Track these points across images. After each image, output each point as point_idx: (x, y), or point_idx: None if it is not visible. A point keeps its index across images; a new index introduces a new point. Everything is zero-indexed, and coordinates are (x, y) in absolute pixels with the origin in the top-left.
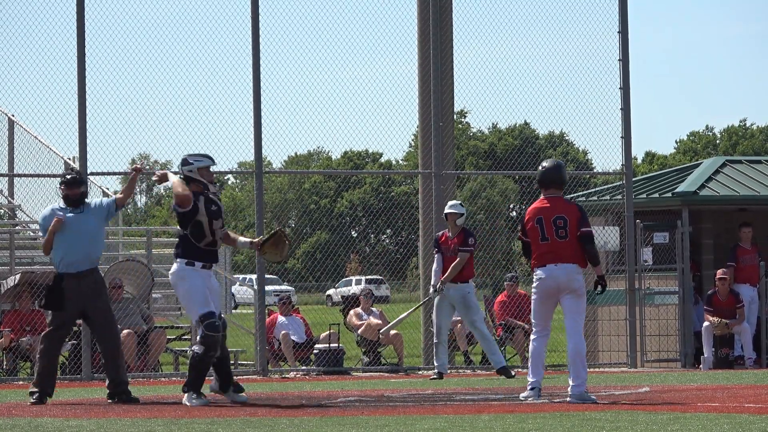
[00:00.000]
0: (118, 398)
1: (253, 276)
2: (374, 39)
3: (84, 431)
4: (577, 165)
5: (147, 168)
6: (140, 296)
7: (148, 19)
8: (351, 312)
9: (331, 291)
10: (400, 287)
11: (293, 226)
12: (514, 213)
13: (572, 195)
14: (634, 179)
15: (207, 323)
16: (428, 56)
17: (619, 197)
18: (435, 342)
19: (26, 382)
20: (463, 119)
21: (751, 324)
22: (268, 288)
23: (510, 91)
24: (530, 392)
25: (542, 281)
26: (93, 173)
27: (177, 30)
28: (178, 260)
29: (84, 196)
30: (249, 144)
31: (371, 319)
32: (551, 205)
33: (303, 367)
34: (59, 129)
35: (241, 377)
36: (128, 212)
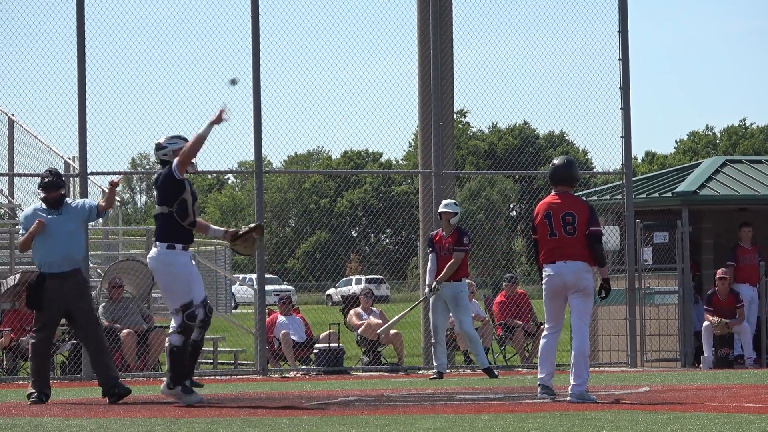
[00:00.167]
0: (112, 394)
1: (253, 275)
2: (374, 39)
3: (84, 431)
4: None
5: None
6: (140, 296)
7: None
8: (351, 312)
9: (331, 291)
10: (400, 287)
11: (293, 226)
12: (514, 213)
13: None
14: (634, 179)
15: (188, 313)
16: (428, 56)
17: (619, 197)
18: (432, 342)
19: (26, 382)
20: (463, 119)
21: (751, 324)
22: (268, 288)
23: (510, 91)
24: (539, 392)
25: (550, 278)
26: (93, 173)
27: (177, 30)
28: (158, 244)
29: (63, 198)
30: (249, 144)
31: (371, 319)
32: (561, 201)
33: (303, 367)
34: (59, 129)
35: (241, 377)
36: (128, 212)
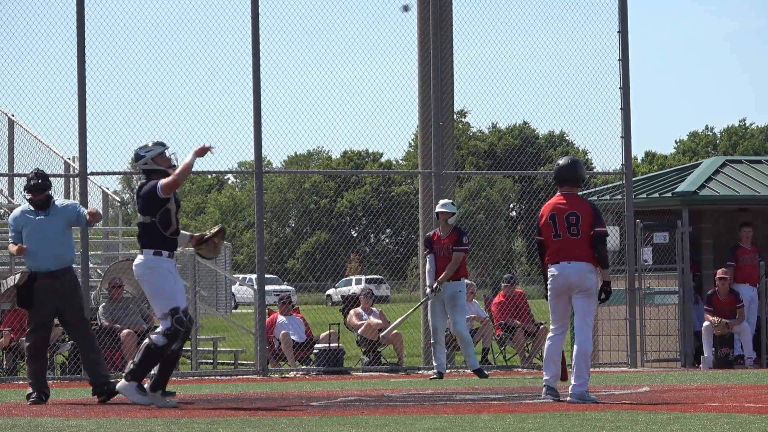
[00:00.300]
0: (101, 392)
1: (253, 276)
2: (374, 39)
3: (84, 431)
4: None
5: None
6: (140, 296)
7: (148, 19)
8: (351, 312)
9: (331, 291)
10: (400, 287)
11: (293, 226)
12: (514, 213)
13: None
14: (634, 179)
15: (177, 317)
16: (428, 56)
17: (619, 197)
18: (432, 342)
19: (26, 382)
20: (463, 119)
21: (751, 324)
22: (268, 288)
23: (510, 91)
24: (543, 392)
25: (554, 278)
26: (93, 173)
27: (177, 30)
28: (145, 251)
29: (49, 199)
30: (249, 144)
31: (371, 319)
32: (566, 202)
33: (303, 367)
34: (59, 129)
35: (241, 377)
36: (128, 212)
